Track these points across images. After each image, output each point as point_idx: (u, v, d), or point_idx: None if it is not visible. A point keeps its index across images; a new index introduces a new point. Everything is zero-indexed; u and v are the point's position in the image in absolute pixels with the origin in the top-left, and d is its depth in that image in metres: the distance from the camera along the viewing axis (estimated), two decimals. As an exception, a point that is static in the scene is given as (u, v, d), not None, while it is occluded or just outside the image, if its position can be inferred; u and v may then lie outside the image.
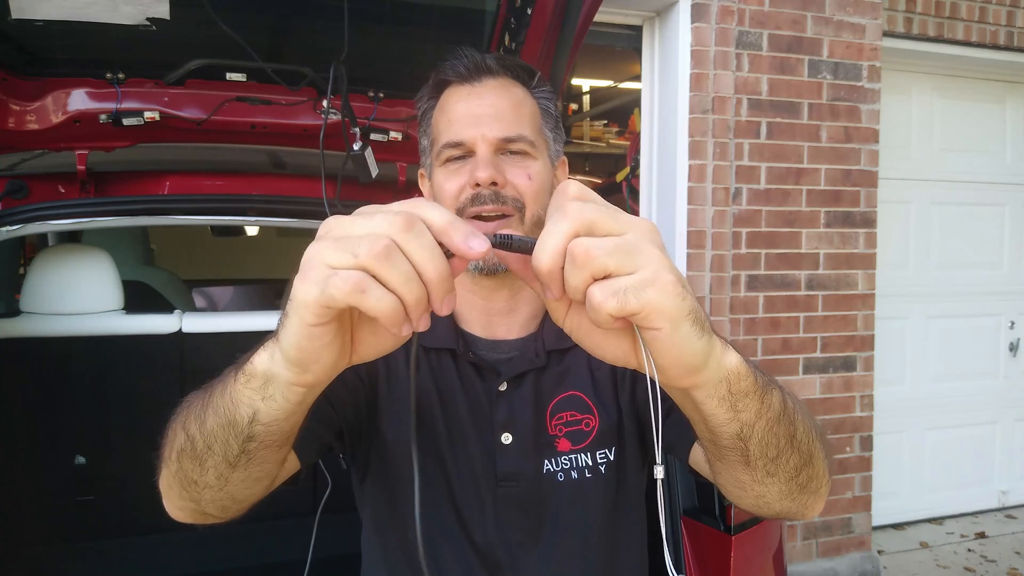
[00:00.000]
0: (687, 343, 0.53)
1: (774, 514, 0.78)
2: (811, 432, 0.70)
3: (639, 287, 0.51)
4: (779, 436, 0.66)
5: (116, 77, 1.70)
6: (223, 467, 0.69)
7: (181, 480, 0.73)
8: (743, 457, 0.67)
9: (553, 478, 0.98)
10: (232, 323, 2.05)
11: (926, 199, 3.93)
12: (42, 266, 1.89)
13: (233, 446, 0.67)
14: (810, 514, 0.79)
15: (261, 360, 0.61)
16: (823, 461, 0.73)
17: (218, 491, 0.72)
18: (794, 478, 0.70)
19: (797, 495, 0.73)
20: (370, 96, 1.87)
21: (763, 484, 0.71)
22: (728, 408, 0.61)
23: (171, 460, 0.73)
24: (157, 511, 0.79)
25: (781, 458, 0.68)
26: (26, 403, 1.91)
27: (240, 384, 0.63)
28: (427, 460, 0.98)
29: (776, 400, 0.64)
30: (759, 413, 0.63)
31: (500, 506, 0.97)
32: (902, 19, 3.53)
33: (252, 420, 0.64)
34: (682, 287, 0.52)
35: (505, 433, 0.98)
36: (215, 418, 0.66)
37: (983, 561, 3.63)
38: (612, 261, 0.51)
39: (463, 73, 0.97)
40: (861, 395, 3.47)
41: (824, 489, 0.76)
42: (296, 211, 1.90)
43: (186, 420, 0.71)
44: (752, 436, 0.64)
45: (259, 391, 0.62)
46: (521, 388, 0.99)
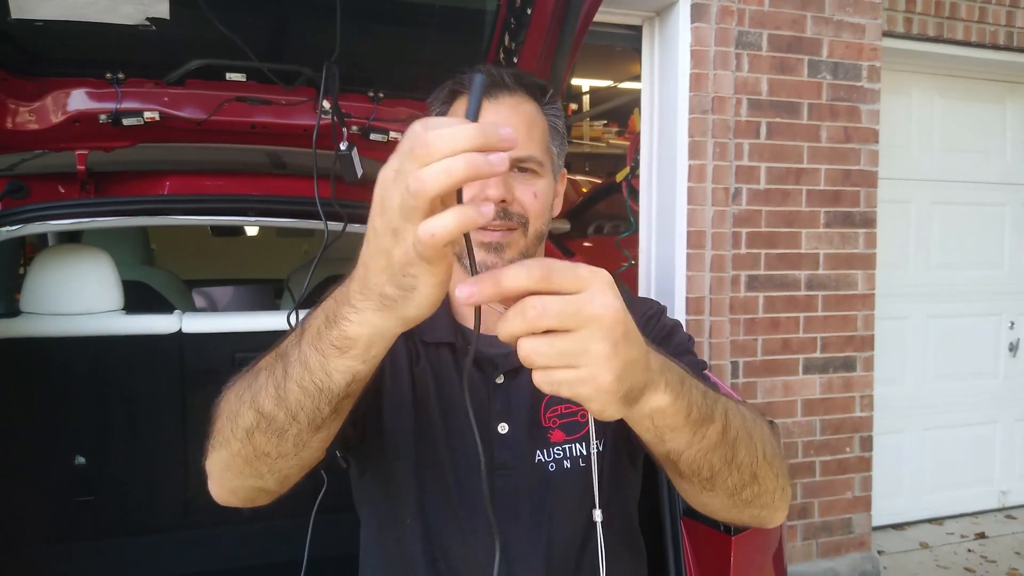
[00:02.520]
0: (612, 415, 0.60)
1: (727, 521, 0.83)
2: (755, 456, 0.74)
3: (571, 385, 0.56)
4: (712, 461, 0.70)
5: (116, 77, 1.70)
6: (307, 432, 0.72)
7: (247, 456, 0.75)
8: (675, 471, 0.72)
9: (544, 468, 1.01)
10: (232, 323, 2.05)
11: (926, 199, 3.93)
12: (42, 266, 1.89)
13: (324, 410, 0.69)
14: (768, 524, 0.84)
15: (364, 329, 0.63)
16: (774, 480, 0.77)
17: (292, 458, 0.75)
18: (735, 495, 0.75)
19: (743, 508, 0.77)
20: (370, 96, 1.87)
21: (702, 495, 0.76)
22: (653, 436, 0.67)
23: (232, 440, 0.74)
24: (157, 511, 0.80)
25: (717, 479, 0.72)
26: (26, 403, 1.91)
27: (332, 357, 0.65)
28: (427, 451, 1.00)
29: (713, 432, 0.69)
30: (688, 443, 0.68)
31: (496, 494, 0.99)
32: (902, 19, 3.53)
33: (351, 382, 0.67)
34: (619, 380, 0.56)
35: (502, 423, 1.01)
36: (301, 392, 0.68)
37: (983, 561, 3.63)
38: (550, 363, 0.55)
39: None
40: (861, 395, 3.47)
41: (779, 503, 0.80)
42: (296, 211, 1.90)
43: (255, 398, 0.72)
44: (681, 459, 0.69)
45: (360, 356, 0.65)
46: (518, 381, 1.01)
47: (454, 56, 1.66)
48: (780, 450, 0.80)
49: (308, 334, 0.67)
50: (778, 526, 1.53)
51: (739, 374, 3.24)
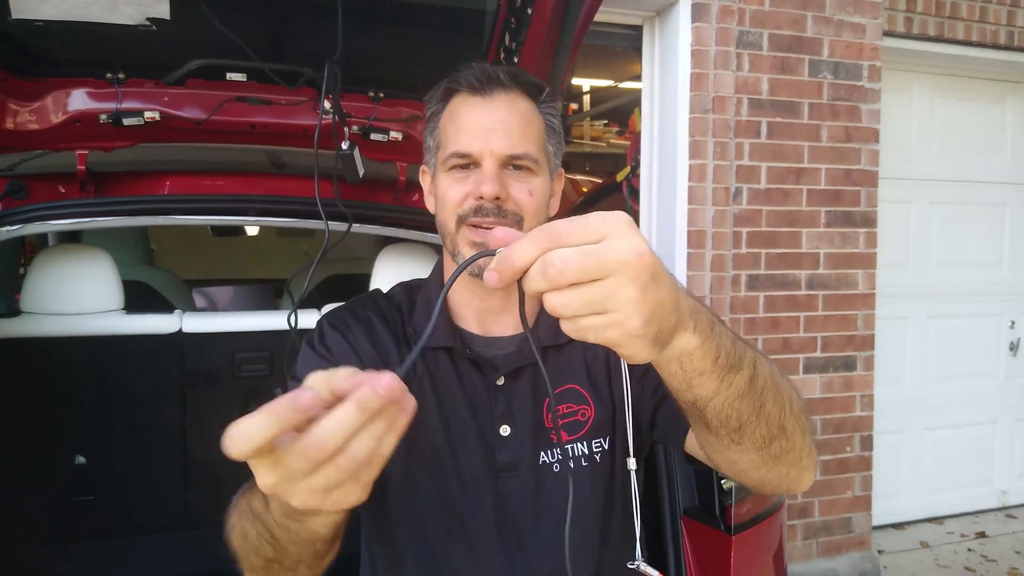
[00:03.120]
0: (643, 358, 0.59)
1: (754, 484, 0.80)
2: (783, 408, 0.72)
3: (600, 330, 0.55)
4: (740, 411, 0.68)
5: (116, 77, 1.70)
6: (315, 562, 0.76)
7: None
8: (703, 423, 0.70)
9: (549, 469, 1.00)
10: (232, 323, 2.05)
11: (926, 199, 3.93)
12: (42, 266, 1.89)
13: (322, 548, 0.74)
14: (796, 487, 0.81)
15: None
16: (801, 436, 0.75)
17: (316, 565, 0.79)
18: (764, 448, 0.73)
19: (772, 465, 0.75)
20: (370, 96, 1.87)
21: (731, 451, 0.73)
22: (681, 380, 0.65)
23: (257, 570, 0.78)
24: (157, 511, 0.81)
25: (745, 430, 0.70)
26: (26, 403, 1.91)
27: (307, 519, 0.66)
28: (427, 457, 0.99)
29: (742, 380, 0.67)
30: (716, 390, 0.66)
31: (499, 496, 0.99)
32: (902, 19, 3.53)
33: (338, 522, 0.70)
34: (648, 323, 0.55)
35: (504, 425, 1.00)
36: (295, 546, 0.72)
37: (983, 561, 3.63)
38: (578, 312, 0.54)
39: (475, 84, 0.99)
40: (861, 395, 3.47)
41: (808, 463, 0.79)
42: (296, 211, 1.90)
43: (256, 550, 0.75)
44: (708, 408, 0.68)
45: (330, 514, 0.65)
46: (519, 382, 1.01)
47: (454, 56, 1.66)
48: (805, 408, 0.78)
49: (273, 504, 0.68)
50: (778, 525, 1.54)
51: (739, 374, 3.23)
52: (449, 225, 0.99)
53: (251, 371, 2.04)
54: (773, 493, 0.83)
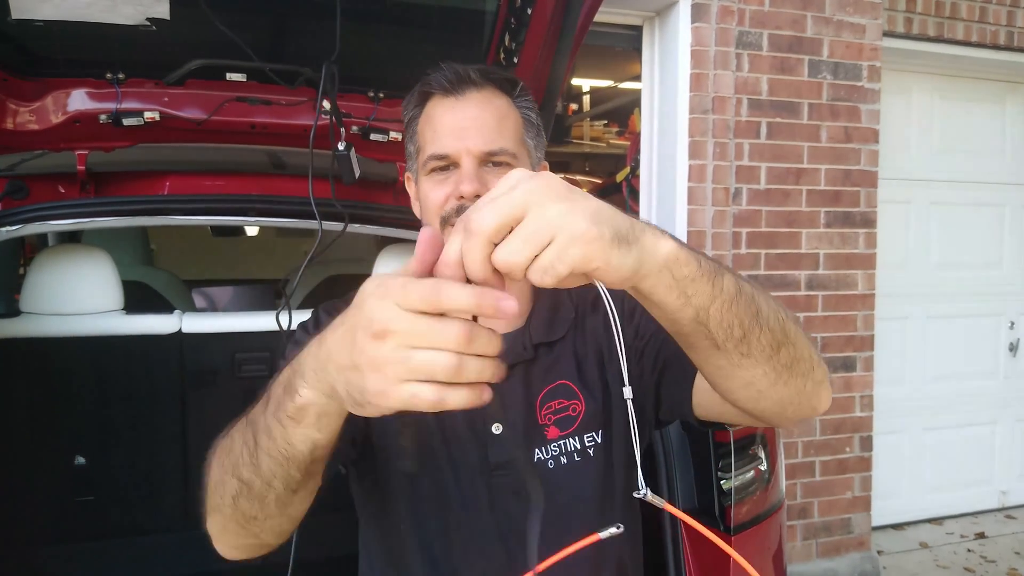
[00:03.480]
0: (621, 264, 0.59)
1: (775, 407, 0.78)
2: (780, 313, 0.73)
3: (560, 254, 0.55)
4: (740, 316, 0.68)
5: (116, 77, 1.70)
6: (284, 495, 0.73)
7: (238, 520, 0.77)
8: (711, 342, 0.70)
9: (544, 466, 1.00)
10: (232, 323, 2.05)
11: (926, 199, 3.93)
12: (42, 266, 1.89)
13: (295, 475, 0.71)
14: (816, 404, 0.80)
15: (308, 399, 0.65)
16: (808, 345, 0.76)
17: (278, 517, 0.77)
18: (772, 357, 0.72)
19: (787, 377, 0.74)
20: (370, 96, 1.87)
21: (742, 367, 0.72)
22: (678, 294, 0.64)
23: (223, 506, 0.76)
24: (157, 511, 0.81)
25: (750, 337, 0.70)
26: (26, 403, 1.91)
27: (290, 427, 0.67)
28: (423, 456, 1.00)
29: (729, 283, 0.67)
30: (711, 296, 0.66)
31: (495, 495, 0.99)
32: (902, 19, 3.53)
33: (312, 449, 0.68)
34: (595, 223, 0.56)
35: (496, 423, 1.00)
36: (270, 460, 0.70)
37: (983, 561, 3.63)
38: (528, 251, 0.55)
39: (447, 86, 1.00)
40: (861, 395, 3.47)
41: (821, 376, 0.78)
42: (296, 211, 1.90)
43: (235, 467, 0.74)
44: (710, 319, 0.67)
45: (314, 425, 0.66)
46: (511, 380, 1.01)
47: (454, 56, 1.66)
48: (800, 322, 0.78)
49: (271, 402, 0.69)
50: (778, 525, 1.54)
51: (739, 374, 3.23)
52: (434, 227, 0.99)
53: (251, 371, 2.04)
54: (798, 418, 0.81)
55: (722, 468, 1.43)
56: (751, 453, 1.49)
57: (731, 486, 1.43)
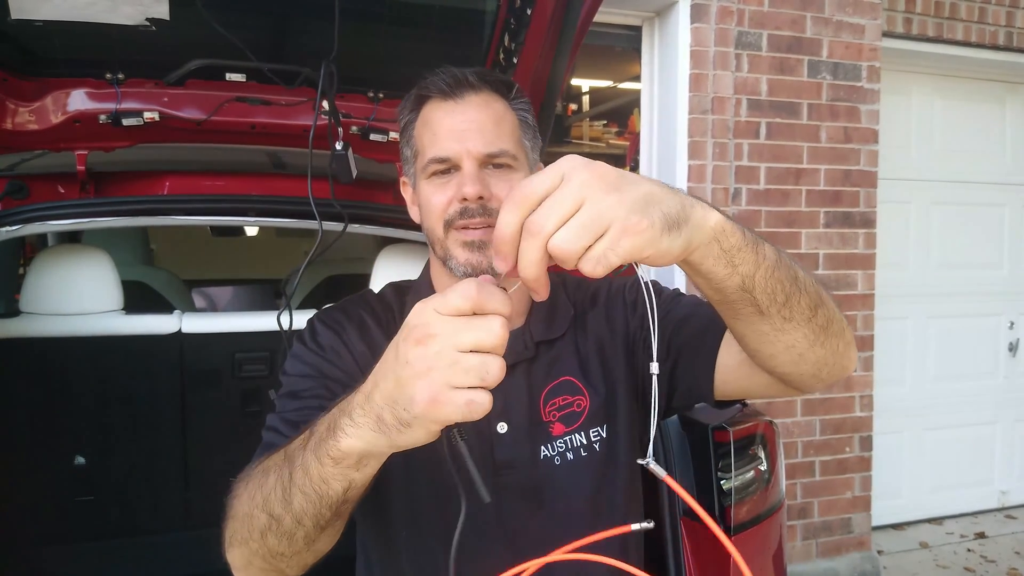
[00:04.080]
0: (669, 248, 0.61)
1: (813, 368, 0.82)
2: (811, 277, 0.77)
3: (613, 245, 0.57)
4: (782, 281, 0.72)
5: (116, 77, 1.70)
6: (313, 533, 0.74)
7: (264, 555, 0.78)
8: (755, 308, 0.73)
9: (550, 463, 1.00)
10: (232, 323, 2.05)
11: (926, 199, 3.93)
12: (42, 266, 1.89)
13: (326, 514, 0.72)
14: (847, 363, 0.85)
15: (356, 445, 0.66)
16: (837, 308, 0.80)
17: (305, 553, 0.78)
18: (812, 319, 0.76)
19: (824, 338, 0.79)
20: (370, 96, 1.87)
21: (785, 331, 0.76)
22: (725, 264, 0.67)
23: (251, 539, 0.77)
24: (157, 511, 0.81)
25: (791, 301, 0.74)
26: (26, 403, 1.91)
27: (329, 466, 0.68)
28: (420, 458, 0.99)
29: (769, 250, 0.71)
30: (756, 264, 0.69)
31: (500, 494, 0.98)
32: (902, 19, 3.53)
33: (347, 489, 0.70)
34: (646, 214, 0.58)
35: (500, 422, 1.00)
36: (303, 497, 0.71)
37: (983, 561, 3.63)
38: (583, 242, 0.57)
39: (445, 89, 1.00)
40: (861, 395, 3.47)
41: (850, 336, 0.83)
42: (296, 211, 1.90)
43: (266, 501, 0.74)
44: (755, 286, 0.70)
45: (354, 467, 0.68)
46: (513, 378, 1.01)
47: (454, 56, 1.65)
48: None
49: (313, 439, 0.70)
50: (778, 525, 1.54)
51: (739, 374, 3.23)
52: (437, 231, 0.99)
53: (251, 371, 2.04)
54: (831, 379, 0.85)
55: (722, 468, 1.43)
56: (751, 453, 1.49)
57: (731, 486, 1.43)
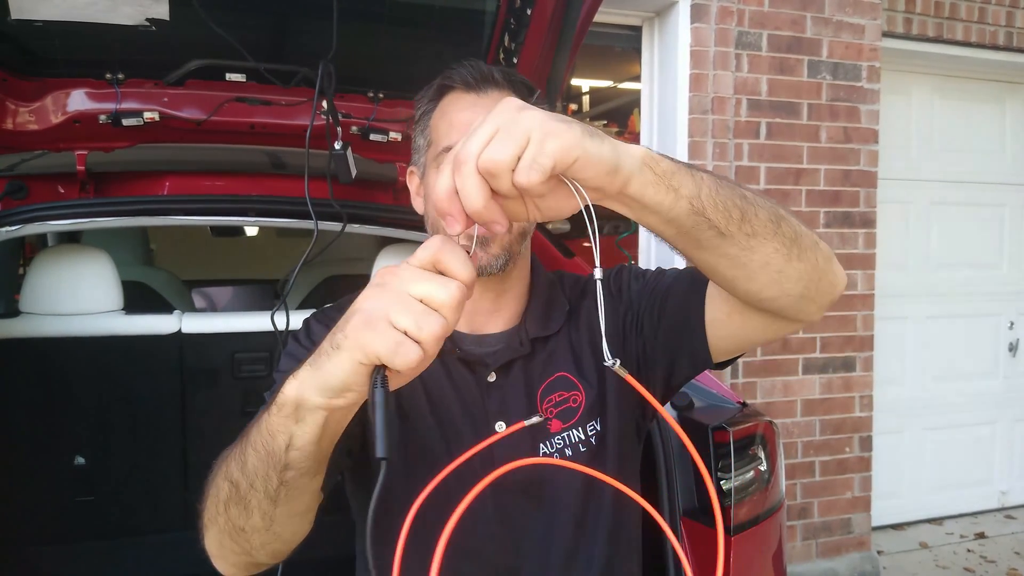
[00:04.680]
0: (599, 152, 0.61)
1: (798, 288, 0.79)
2: (758, 194, 0.75)
3: (539, 148, 0.58)
4: (731, 197, 0.71)
5: (115, 78, 1.70)
6: (266, 504, 0.74)
7: (230, 531, 0.77)
8: (715, 230, 0.71)
9: (548, 459, 1.00)
10: (232, 323, 2.05)
11: (926, 199, 3.93)
12: (42, 266, 1.89)
13: (273, 478, 0.72)
14: (834, 279, 0.82)
15: (291, 387, 0.67)
16: (801, 224, 0.78)
17: (265, 532, 0.77)
18: (777, 231, 0.74)
19: (797, 251, 0.76)
20: (369, 96, 1.87)
21: (753, 249, 0.74)
22: (666, 189, 0.67)
23: (218, 515, 0.77)
24: (157, 511, 0.81)
25: (748, 215, 0.72)
26: (26, 403, 1.91)
27: (274, 415, 0.69)
28: (420, 460, 0.99)
29: (706, 174, 0.70)
30: (696, 184, 0.69)
31: (500, 494, 0.98)
32: (901, 19, 3.53)
33: (288, 446, 0.69)
34: (564, 122, 0.60)
35: (499, 422, 1.00)
36: (255, 454, 0.72)
37: (983, 561, 3.63)
38: (510, 149, 0.58)
39: (469, 81, 1.00)
40: (861, 395, 3.47)
41: (824, 248, 0.80)
42: (296, 211, 1.90)
43: (227, 469, 0.75)
44: (704, 206, 0.69)
45: (292, 416, 0.68)
46: (510, 377, 1.01)
47: (454, 56, 1.66)
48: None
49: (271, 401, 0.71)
50: (778, 525, 1.54)
51: (739, 374, 3.24)
52: (439, 221, 0.99)
53: (250, 371, 2.04)
54: (822, 300, 0.82)
55: (722, 468, 1.43)
56: (751, 453, 1.49)
57: (731, 486, 1.43)
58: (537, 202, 0.64)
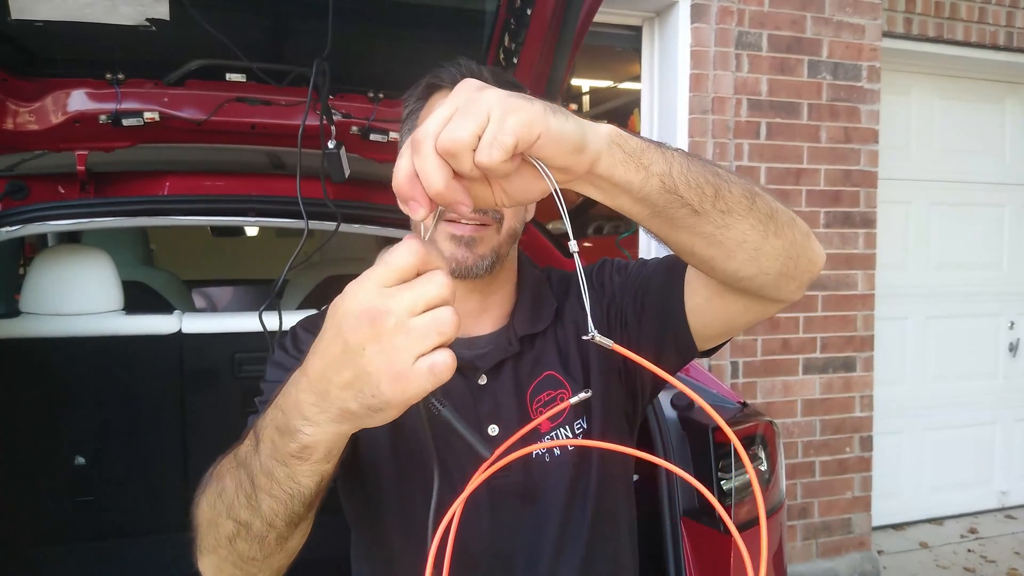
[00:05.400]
0: (563, 129, 0.59)
1: (777, 265, 0.78)
2: (729, 171, 0.74)
3: (500, 126, 0.56)
4: (703, 174, 0.70)
5: (116, 78, 1.70)
6: (286, 532, 0.73)
7: (235, 561, 0.76)
8: (689, 208, 0.70)
9: (541, 460, 1.00)
10: (232, 323, 2.05)
11: (926, 199, 3.93)
12: (42, 266, 1.89)
13: (299, 511, 0.71)
14: (812, 256, 0.81)
15: (319, 438, 0.64)
16: (776, 201, 0.77)
17: (278, 554, 0.77)
18: (752, 208, 0.73)
19: (774, 227, 0.75)
20: (369, 96, 1.87)
21: (729, 226, 0.73)
22: (636, 167, 0.65)
23: (219, 547, 0.76)
24: (157, 511, 0.81)
25: (722, 192, 0.71)
26: (26, 403, 1.91)
27: (294, 465, 0.66)
28: (412, 468, 0.99)
29: (674, 150, 0.69)
30: (667, 161, 0.67)
31: (494, 497, 0.99)
32: (902, 19, 3.53)
33: (320, 481, 0.69)
34: (524, 99, 0.58)
35: (492, 425, 1.00)
36: (272, 500, 0.69)
37: (983, 561, 3.63)
38: (469, 126, 0.56)
39: (458, 80, 0.99)
40: (861, 395, 3.47)
41: (802, 225, 0.80)
42: (295, 211, 1.90)
43: (229, 509, 0.73)
44: (677, 184, 0.68)
45: (323, 460, 0.66)
46: (501, 378, 1.01)
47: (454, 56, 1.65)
48: None
49: (264, 446, 0.68)
50: (778, 526, 1.54)
51: (739, 374, 3.24)
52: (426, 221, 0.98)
53: (250, 371, 2.04)
54: (803, 278, 0.82)
55: (722, 468, 1.43)
56: (751, 453, 1.49)
57: (731, 486, 1.43)
58: (503, 185, 0.62)
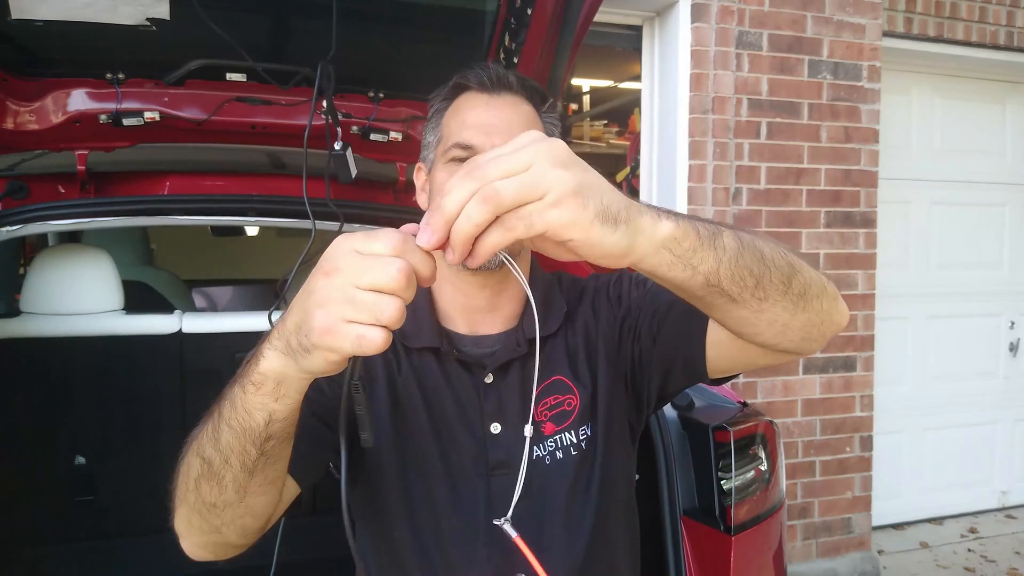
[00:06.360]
0: (603, 242, 0.60)
1: (802, 333, 0.78)
2: (779, 248, 0.74)
3: (542, 212, 0.57)
4: (748, 266, 0.70)
5: (116, 77, 1.70)
6: (241, 476, 0.75)
7: (200, 509, 0.79)
8: (727, 298, 0.71)
9: (541, 462, 1.01)
10: (232, 323, 2.05)
11: (926, 199, 3.93)
12: (42, 266, 1.89)
13: (251, 451, 0.73)
14: (839, 319, 0.82)
15: (271, 366, 0.67)
16: (812, 269, 0.77)
17: (237, 506, 0.78)
18: (787, 292, 0.74)
19: (804, 303, 0.76)
20: (370, 96, 1.87)
21: (764, 311, 0.74)
22: (683, 268, 0.66)
23: (188, 493, 0.79)
24: (157, 511, 0.81)
25: (763, 282, 0.71)
26: (26, 403, 1.91)
27: (250, 394, 0.69)
28: (415, 459, 0.99)
29: (730, 240, 0.69)
30: (716, 260, 0.67)
31: (494, 495, 0.99)
32: (902, 19, 3.53)
33: (269, 421, 0.70)
34: (582, 196, 0.58)
35: (495, 423, 1.00)
36: (229, 432, 0.72)
37: (983, 561, 3.63)
38: (518, 195, 0.57)
39: (485, 83, 1.01)
40: (861, 395, 3.47)
41: (832, 291, 0.80)
42: (297, 211, 1.90)
43: (199, 447, 0.76)
44: (720, 280, 0.68)
45: (272, 393, 0.68)
46: (507, 378, 1.02)
47: (454, 56, 1.66)
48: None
49: (239, 372, 0.71)
50: (778, 525, 1.54)
51: (739, 374, 3.23)
52: None
53: None
54: (824, 339, 0.82)
55: (722, 468, 1.43)
56: (751, 453, 1.49)
57: (731, 486, 1.43)
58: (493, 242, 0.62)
